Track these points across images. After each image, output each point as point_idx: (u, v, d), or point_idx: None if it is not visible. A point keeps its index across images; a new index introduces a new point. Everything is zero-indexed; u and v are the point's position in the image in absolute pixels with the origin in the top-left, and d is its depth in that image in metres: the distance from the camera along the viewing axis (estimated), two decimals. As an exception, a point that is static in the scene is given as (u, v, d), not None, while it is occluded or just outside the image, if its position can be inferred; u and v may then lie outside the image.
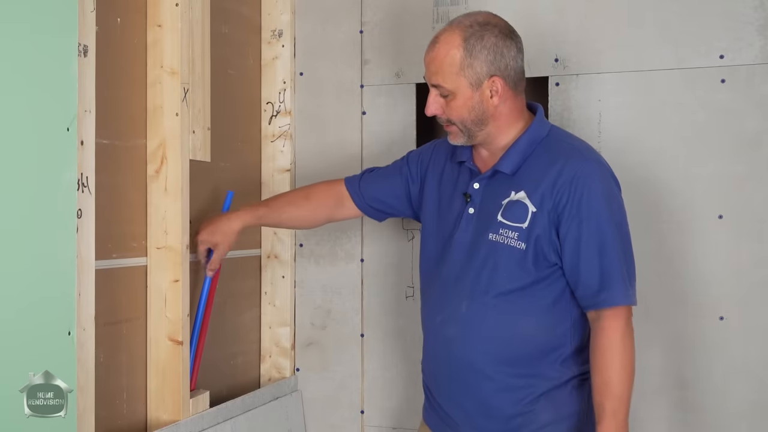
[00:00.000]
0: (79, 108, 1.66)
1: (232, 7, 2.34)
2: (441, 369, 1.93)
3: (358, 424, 2.47)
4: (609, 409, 1.74)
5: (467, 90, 1.82)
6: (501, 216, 1.83)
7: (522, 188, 1.82)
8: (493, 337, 1.83)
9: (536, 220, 1.80)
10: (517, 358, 1.83)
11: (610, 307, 1.77)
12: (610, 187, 1.83)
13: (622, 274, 1.78)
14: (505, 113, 1.86)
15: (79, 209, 1.66)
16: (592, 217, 1.77)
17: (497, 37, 1.82)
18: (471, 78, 1.81)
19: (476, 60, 1.80)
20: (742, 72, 2.12)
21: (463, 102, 1.82)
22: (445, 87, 1.82)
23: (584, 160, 1.82)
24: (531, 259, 1.80)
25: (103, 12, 1.81)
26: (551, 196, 1.79)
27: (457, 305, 1.87)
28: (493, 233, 1.83)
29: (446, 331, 1.89)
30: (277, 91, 2.50)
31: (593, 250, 1.77)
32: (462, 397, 1.89)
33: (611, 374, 1.76)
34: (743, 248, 2.12)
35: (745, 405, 2.12)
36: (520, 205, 1.82)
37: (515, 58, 1.85)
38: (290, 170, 2.50)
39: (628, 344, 1.79)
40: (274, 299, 2.50)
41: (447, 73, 1.81)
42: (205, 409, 2.06)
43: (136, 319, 1.95)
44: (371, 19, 2.45)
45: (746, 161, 2.12)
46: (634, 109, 2.21)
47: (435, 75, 1.83)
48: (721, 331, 2.14)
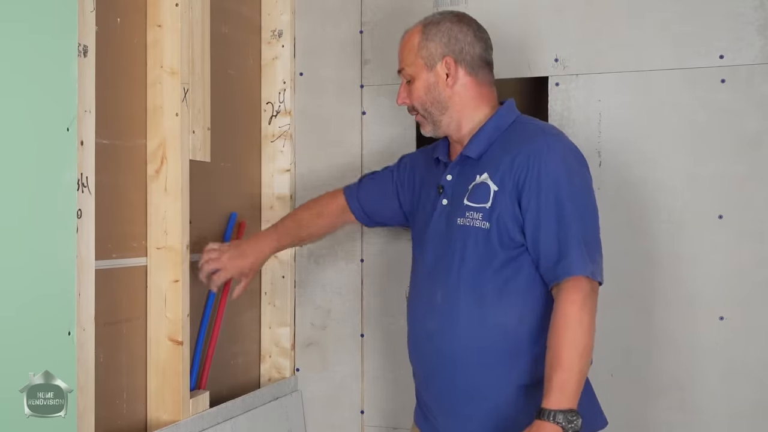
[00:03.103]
0: (79, 108, 1.66)
1: (232, 7, 2.34)
2: (424, 360, 1.94)
3: (358, 424, 2.48)
4: (556, 382, 1.69)
5: (423, 71, 1.93)
6: (467, 199, 1.87)
7: (485, 170, 1.86)
8: (468, 326, 1.83)
9: (498, 199, 1.82)
10: (494, 347, 1.82)
11: (568, 277, 1.75)
12: (569, 160, 1.84)
13: (581, 245, 1.77)
14: (466, 97, 1.93)
15: (79, 209, 1.66)
16: (551, 189, 1.79)
17: (453, 23, 1.94)
18: (426, 59, 1.93)
19: (431, 42, 1.92)
20: (742, 72, 2.12)
21: (420, 83, 1.93)
22: (407, 70, 1.94)
23: (543, 136, 1.86)
24: (496, 239, 1.82)
25: (103, 12, 1.81)
26: (511, 173, 1.82)
27: (433, 295, 1.89)
28: (461, 218, 1.87)
29: (426, 324, 1.91)
30: (277, 91, 2.50)
31: (552, 222, 1.78)
32: (444, 387, 1.89)
33: (561, 349, 1.71)
34: (743, 248, 2.12)
35: (746, 405, 2.12)
36: (483, 186, 1.85)
37: (472, 44, 1.93)
38: (290, 170, 2.50)
39: (585, 319, 1.73)
40: (274, 299, 2.50)
41: (407, 57, 1.95)
42: (205, 409, 2.06)
43: (136, 319, 1.95)
44: (371, 19, 2.45)
45: (746, 161, 2.12)
46: (635, 109, 2.21)
47: (400, 62, 1.96)
48: (722, 331, 2.14)
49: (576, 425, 1.67)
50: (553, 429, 1.66)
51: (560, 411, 1.67)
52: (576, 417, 1.67)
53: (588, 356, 1.73)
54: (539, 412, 1.68)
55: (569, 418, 1.67)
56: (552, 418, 1.66)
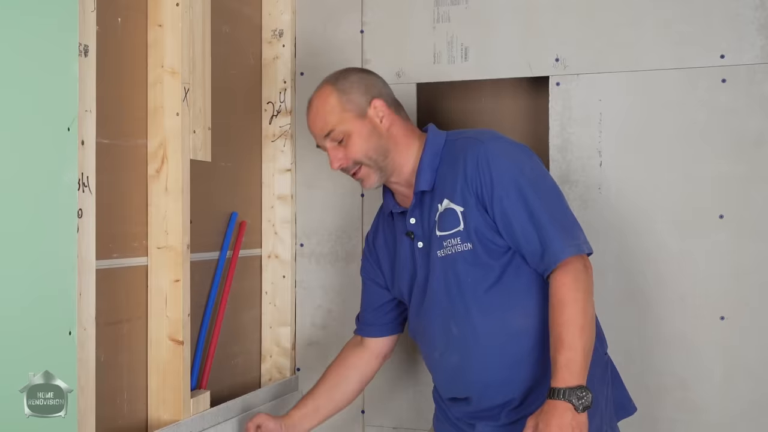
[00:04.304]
0: (80, 108, 1.66)
1: (232, 6, 2.34)
2: (457, 389, 1.95)
3: (359, 424, 2.47)
4: (562, 361, 1.70)
5: (356, 123, 1.91)
6: (438, 230, 1.87)
7: (444, 197, 1.87)
8: (490, 345, 1.84)
9: (468, 217, 1.83)
10: (523, 351, 1.84)
11: (557, 264, 1.77)
12: (512, 154, 1.86)
13: (557, 229, 1.78)
14: (400, 135, 1.94)
15: (79, 209, 1.66)
16: (510, 188, 1.80)
17: (358, 73, 1.98)
18: (354, 110, 1.91)
19: (351, 94, 1.92)
20: (742, 72, 2.12)
21: (357, 135, 1.91)
22: (337, 129, 1.91)
23: (480, 143, 1.86)
24: (483, 254, 1.83)
25: (104, 12, 1.81)
26: (468, 189, 1.83)
27: (448, 331, 1.89)
28: (439, 250, 1.87)
29: (448, 361, 1.92)
30: (277, 90, 2.50)
31: (522, 217, 1.79)
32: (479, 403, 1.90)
33: (560, 329, 1.72)
34: (744, 248, 2.12)
35: (747, 405, 2.12)
36: (449, 211, 1.86)
37: (384, 86, 1.98)
38: (291, 170, 2.50)
39: (579, 297, 1.74)
40: (275, 299, 2.50)
41: (332, 118, 1.91)
42: (205, 408, 2.06)
43: (137, 318, 1.95)
44: (372, 19, 2.45)
45: (747, 161, 2.12)
46: (635, 109, 2.21)
47: (323, 127, 1.93)
48: (722, 331, 2.14)
49: (586, 401, 1.68)
50: (565, 407, 1.67)
51: (569, 388, 1.68)
52: (586, 393, 1.68)
53: (589, 332, 1.74)
54: (550, 392, 1.70)
55: (579, 395, 1.67)
56: (562, 396, 1.68)
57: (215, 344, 2.20)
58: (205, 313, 2.18)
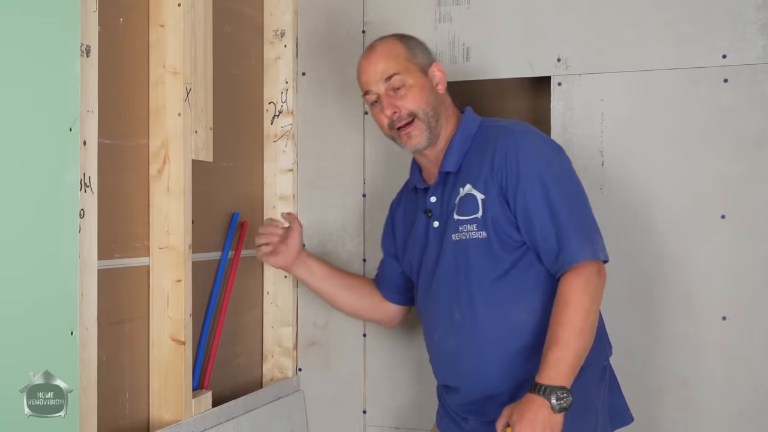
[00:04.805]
0: (82, 108, 1.66)
1: (234, 6, 2.34)
2: (452, 377, 1.95)
3: (360, 424, 2.47)
4: (551, 359, 1.70)
5: (419, 76, 1.91)
6: (457, 214, 1.87)
7: (467, 182, 1.87)
8: (489, 336, 1.84)
9: (488, 206, 1.83)
10: (521, 347, 1.83)
11: (570, 265, 1.76)
12: (543, 150, 1.86)
13: (577, 230, 1.78)
14: (448, 105, 1.98)
15: (81, 209, 1.66)
16: (535, 183, 1.80)
17: (418, 40, 1.99)
18: (420, 65, 1.93)
19: (416, 50, 1.96)
20: (744, 72, 2.12)
21: (419, 88, 1.90)
22: (400, 76, 1.89)
23: (512, 135, 1.86)
24: (497, 245, 1.83)
25: (106, 12, 1.81)
26: (492, 178, 1.83)
27: (450, 315, 1.89)
28: (454, 233, 1.87)
29: (446, 345, 1.92)
30: (279, 90, 2.50)
31: (543, 213, 1.79)
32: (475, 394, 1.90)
33: (558, 327, 1.73)
34: (746, 248, 2.12)
35: (748, 405, 2.12)
36: (470, 197, 1.85)
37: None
38: (292, 170, 2.50)
39: (584, 301, 1.74)
40: (277, 299, 2.50)
41: (397, 63, 1.91)
42: (207, 409, 2.06)
43: (139, 318, 1.95)
44: (374, 19, 2.45)
45: (749, 161, 2.12)
46: (637, 109, 2.21)
47: (385, 70, 1.90)
48: (724, 331, 2.13)
49: (565, 403, 1.68)
50: (542, 403, 1.68)
51: (551, 386, 1.68)
52: (567, 395, 1.68)
53: (586, 336, 1.73)
54: (532, 386, 1.70)
55: (559, 395, 1.68)
56: (542, 392, 1.68)
57: (217, 344, 2.20)
58: (207, 313, 2.18)
